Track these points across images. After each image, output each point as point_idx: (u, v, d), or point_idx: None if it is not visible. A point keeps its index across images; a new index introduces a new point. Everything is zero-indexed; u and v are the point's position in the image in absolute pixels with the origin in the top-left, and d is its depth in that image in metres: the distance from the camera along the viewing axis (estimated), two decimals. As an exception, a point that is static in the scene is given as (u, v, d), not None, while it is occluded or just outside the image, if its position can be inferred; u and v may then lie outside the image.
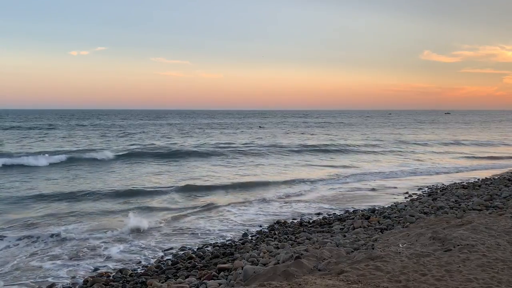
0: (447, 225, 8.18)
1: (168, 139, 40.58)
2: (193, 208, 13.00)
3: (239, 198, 14.55)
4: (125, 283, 7.22)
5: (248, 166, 22.77)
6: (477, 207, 10.89)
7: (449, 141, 39.65)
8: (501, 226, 7.63)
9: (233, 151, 29.14)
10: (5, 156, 23.75)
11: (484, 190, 13.91)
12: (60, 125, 64.19)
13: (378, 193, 15.80)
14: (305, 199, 14.73)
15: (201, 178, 18.55)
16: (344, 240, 8.29)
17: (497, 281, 5.15)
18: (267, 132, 50.92)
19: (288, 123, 76.71)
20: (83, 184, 16.71)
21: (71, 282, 7.47)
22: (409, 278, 5.31)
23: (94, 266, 8.21)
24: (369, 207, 12.58)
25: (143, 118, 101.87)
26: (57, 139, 39.21)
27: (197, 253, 8.67)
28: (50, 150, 27.48)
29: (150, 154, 26.98)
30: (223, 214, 12.45)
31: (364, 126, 70.08)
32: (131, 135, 46.07)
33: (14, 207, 12.74)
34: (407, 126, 70.55)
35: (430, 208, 11.27)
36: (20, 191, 14.96)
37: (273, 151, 29.54)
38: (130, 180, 17.73)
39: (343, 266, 5.87)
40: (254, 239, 9.69)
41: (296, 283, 5.19)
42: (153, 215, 12.04)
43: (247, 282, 5.94)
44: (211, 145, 33.59)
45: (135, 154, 26.77)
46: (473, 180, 17.50)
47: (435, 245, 6.72)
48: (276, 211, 12.86)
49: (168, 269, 7.80)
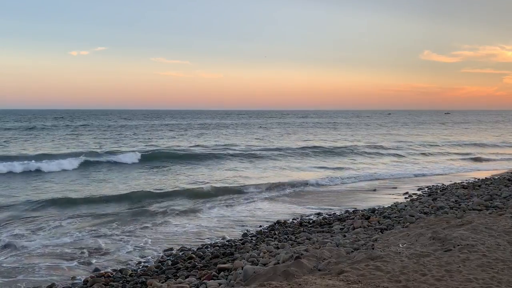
0: (447, 225, 8.18)
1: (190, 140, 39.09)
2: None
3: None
4: (125, 283, 7.21)
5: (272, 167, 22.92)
6: (477, 207, 10.89)
7: (449, 141, 39.67)
8: (501, 226, 7.63)
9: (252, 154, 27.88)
10: (86, 155, 23.80)
11: (484, 190, 13.91)
12: (73, 125, 62.10)
13: (378, 193, 15.81)
14: (306, 199, 14.75)
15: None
16: (344, 240, 8.29)
17: (497, 281, 5.15)
18: (271, 134, 49.87)
19: (289, 124, 76.40)
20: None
21: (71, 282, 7.48)
22: (409, 278, 5.31)
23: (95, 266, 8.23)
24: (369, 207, 12.58)
25: (151, 118, 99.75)
26: (113, 139, 39.06)
27: (197, 253, 8.67)
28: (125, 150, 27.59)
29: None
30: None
31: (364, 126, 70.00)
32: (171, 135, 44.72)
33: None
34: (406, 126, 70.50)
35: (430, 208, 11.26)
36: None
37: (278, 153, 28.93)
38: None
39: (343, 266, 5.88)
40: (254, 239, 9.69)
41: (296, 283, 5.19)
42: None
43: (247, 282, 5.94)
44: (234, 146, 32.27)
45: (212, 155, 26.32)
46: (473, 180, 17.50)
47: (435, 245, 6.72)
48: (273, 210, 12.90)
49: (168, 269, 7.80)
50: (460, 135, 49.07)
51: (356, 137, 44.64)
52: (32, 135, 42.49)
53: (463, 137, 45.57)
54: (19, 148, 29.93)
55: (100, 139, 39.09)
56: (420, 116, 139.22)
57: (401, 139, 42.42)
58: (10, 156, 23.46)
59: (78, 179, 18.30)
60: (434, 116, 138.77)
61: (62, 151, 27.56)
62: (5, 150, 28.36)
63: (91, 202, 13.72)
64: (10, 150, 28.36)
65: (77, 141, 36.90)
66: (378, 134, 50.81)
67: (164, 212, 12.51)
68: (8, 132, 45.71)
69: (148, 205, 13.37)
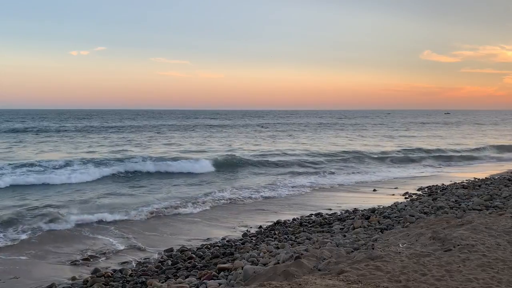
0: (447, 225, 8.18)
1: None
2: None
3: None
4: (125, 283, 7.21)
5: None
6: (477, 207, 10.88)
7: (449, 141, 39.67)
8: (501, 226, 7.62)
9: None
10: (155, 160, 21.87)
11: (484, 190, 13.90)
12: (94, 126, 59.63)
13: (378, 193, 15.80)
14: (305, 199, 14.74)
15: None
16: (344, 240, 8.28)
17: (497, 281, 5.15)
18: (275, 135, 47.31)
19: (291, 124, 75.96)
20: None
21: (71, 282, 7.48)
22: (409, 278, 5.31)
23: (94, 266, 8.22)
24: (369, 207, 12.58)
25: (157, 118, 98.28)
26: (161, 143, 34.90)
27: (197, 253, 8.67)
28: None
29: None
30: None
31: (363, 126, 69.99)
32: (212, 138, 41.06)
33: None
34: (406, 126, 70.44)
35: (430, 208, 11.25)
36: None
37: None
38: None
39: (343, 266, 5.87)
40: (254, 239, 9.68)
41: (296, 283, 5.19)
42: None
43: (247, 282, 5.94)
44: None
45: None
46: (473, 180, 17.49)
47: (435, 245, 6.72)
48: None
49: (168, 269, 7.80)
50: (460, 134, 48.95)
51: (357, 138, 44.36)
52: (85, 137, 39.89)
53: (463, 137, 45.46)
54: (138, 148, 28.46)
55: (163, 143, 35.23)
56: (419, 116, 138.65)
57: (400, 138, 42.21)
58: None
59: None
60: (434, 116, 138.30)
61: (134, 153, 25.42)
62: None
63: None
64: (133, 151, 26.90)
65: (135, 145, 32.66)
66: (378, 134, 50.37)
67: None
68: (58, 134, 43.27)
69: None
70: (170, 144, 34.48)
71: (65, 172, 18.48)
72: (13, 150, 28.41)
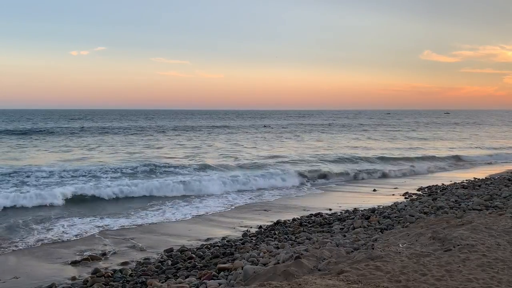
0: (447, 225, 8.18)
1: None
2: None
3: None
4: (125, 283, 7.21)
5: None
6: (477, 207, 10.88)
7: (449, 141, 39.67)
8: (501, 226, 7.62)
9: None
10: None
11: (484, 190, 13.90)
12: (116, 127, 57.19)
13: (378, 193, 15.80)
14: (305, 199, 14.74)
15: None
16: (344, 240, 8.28)
17: (497, 281, 5.15)
18: (279, 136, 44.90)
19: (292, 125, 75.55)
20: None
21: (71, 282, 7.48)
22: (409, 278, 5.31)
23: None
24: (369, 207, 12.58)
25: (161, 118, 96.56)
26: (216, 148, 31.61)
27: (197, 253, 8.67)
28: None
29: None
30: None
31: (363, 126, 69.90)
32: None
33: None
34: (406, 126, 70.39)
35: (430, 208, 11.25)
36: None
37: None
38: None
39: (343, 266, 5.87)
40: (254, 239, 9.68)
41: (296, 283, 5.19)
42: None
43: (247, 282, 5.94)
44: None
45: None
46: (473, 180, 17.49)
47: (435, 245, 6.72)
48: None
49: (168, 269, 7.80)
50: (459, 134, 48.93)
51: (358, 138, 44.34)
52: (118, 141, 36.88)
53: (463, 137, 45.45)
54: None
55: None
56: (419, 116, 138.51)
57: (400, 139, 42.15)
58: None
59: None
60: (434, 116, 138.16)
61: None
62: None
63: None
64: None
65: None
66: (378, 134, 50.35)
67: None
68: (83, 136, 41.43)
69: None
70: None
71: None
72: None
